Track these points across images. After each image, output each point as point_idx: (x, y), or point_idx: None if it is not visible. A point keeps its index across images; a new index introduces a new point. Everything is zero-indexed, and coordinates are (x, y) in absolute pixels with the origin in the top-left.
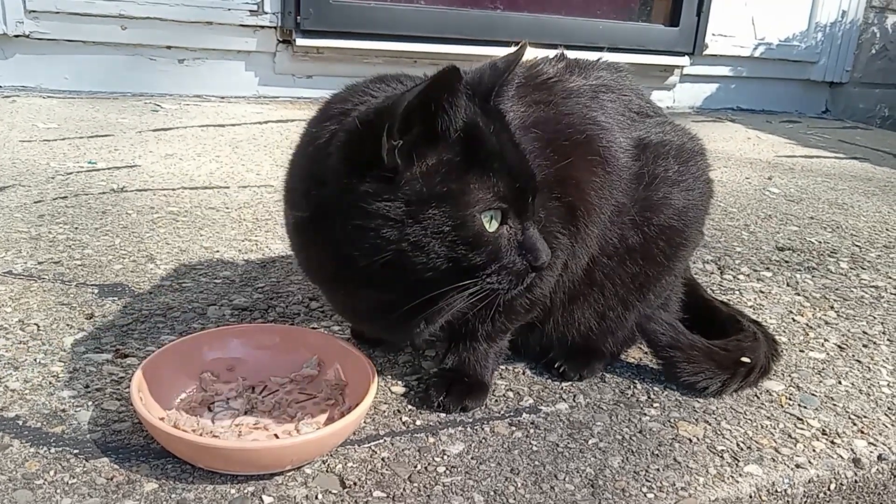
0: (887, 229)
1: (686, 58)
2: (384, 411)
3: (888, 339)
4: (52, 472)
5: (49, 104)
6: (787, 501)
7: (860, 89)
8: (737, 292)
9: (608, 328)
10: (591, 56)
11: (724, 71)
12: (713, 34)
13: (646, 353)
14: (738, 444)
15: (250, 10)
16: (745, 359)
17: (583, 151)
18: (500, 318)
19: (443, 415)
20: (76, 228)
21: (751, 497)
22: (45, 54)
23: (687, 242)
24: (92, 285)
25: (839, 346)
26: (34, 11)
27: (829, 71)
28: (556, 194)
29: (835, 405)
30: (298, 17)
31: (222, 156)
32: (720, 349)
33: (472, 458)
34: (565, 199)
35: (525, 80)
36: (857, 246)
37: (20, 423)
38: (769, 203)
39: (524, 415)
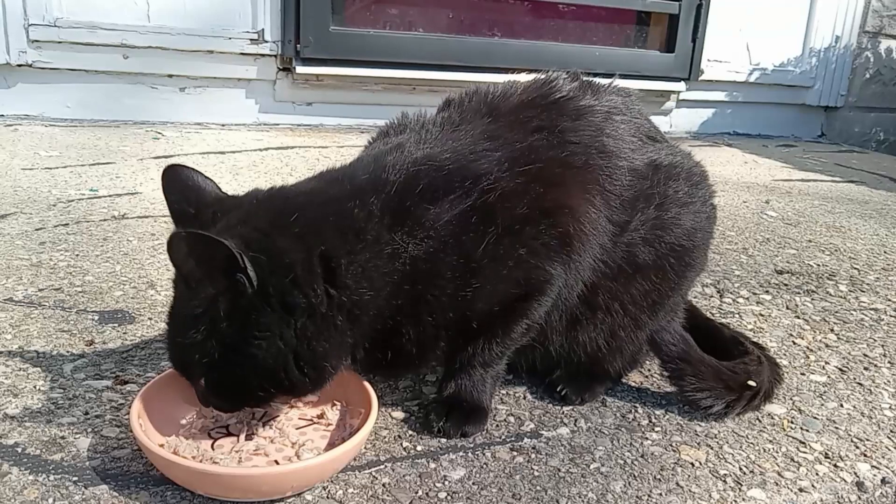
0: (885, 252)
1: (682, 83)
2: (385, 437)
3: (889, 362)
4: (51, 500)
5: (51, 132)
6: None
7: (855, 113)
8: (736, 315)
9: (618, 347)
10: None
11: (720, 96)
12: (708, 60)
13: (647, 376)
14: (740, 469)
15: (251, 39)
16: (751, 382)
17: (580, 179)
18: (495, 345)
19: (444, 440)
20: (77, 255)
21: None
22: (48, 83)
23: (694, 264)
24: (92, 312)
25: (840, 369)
26: (37, 41)
27: (824, 95)
28: (543, 226)
29: (837, 428)
30: (298, 46)
31: (223, 182)
32: (728, 370)
33: (473, 484)
34: (557, 230)
35: (536, 97)
36: (855, 268)
37: (19, 450)
38: (767, 226)
39: (525, 439)
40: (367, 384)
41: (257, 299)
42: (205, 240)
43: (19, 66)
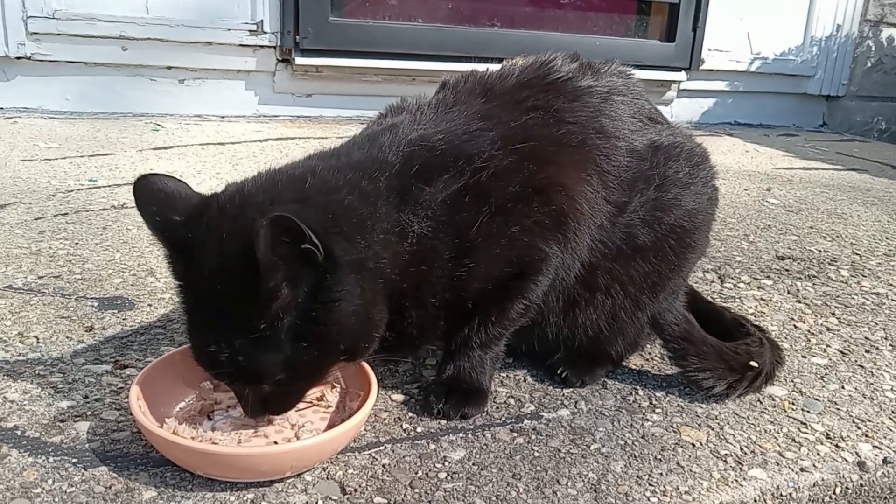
0: (887, 238)
1: (683, 73)
2: (385, 419)
3: (890, 345)
4: (50, 481)
5: (50, 125)
6: None
7: (857, 102)
8: (737, 300)
9: (619, 329)
10: None
11: (720, 86)
12: (709, 49)
13: (647, 359)
14: (741, 449)
15: (250, 31)
16: (753, 363)
17: (576, 157)
18: (493, 326)
19: (443, 422)
20: (76, 244)
21: (755, 501)
22: (47, 76)
23: (695, 245)
24: (92, 299)
25: (841, 352)
26: (36, 33)
27: (825, 84)
28: (536, 204)
29: (838, 409)
30: (297, 37)
31: (222, 173)
32: (730, 351)
33: (473, 464)
34: (550, 207)
35: (533, 78)
36: (857, 254)
37: (19, 432)
38: (768, 213)
39: (526, 421)
40: (366, 366)
41: (326, 262)
42: (283, 220)
43: (18, 58)
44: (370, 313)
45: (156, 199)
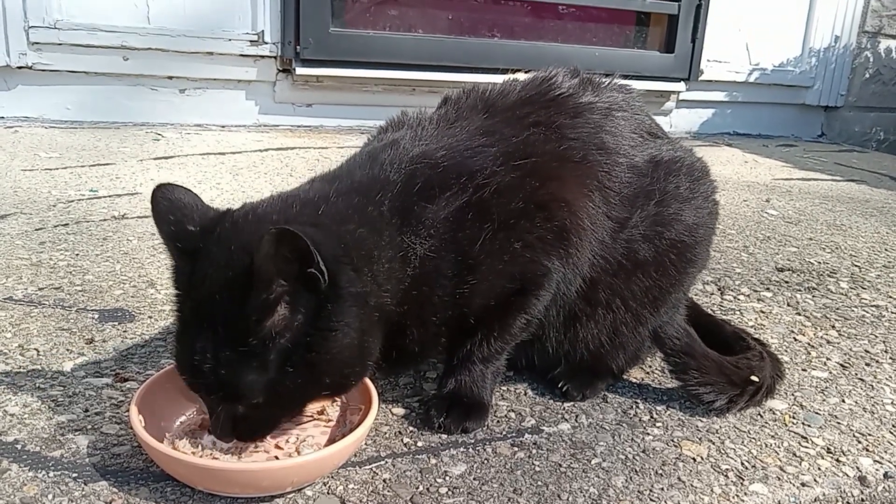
0: (886, 249)
1: (682, 83)
2: (385, 433)
3: (891, 358)
4: (50, 496)
5: (51, 134)
6: None
7: (855, 113)
8: (737, 312)
9: (620, 343)
10: None
11: (719, 96)
12: (708, 60)
13: (647, 372)
14: (742, 463)
15: (250, 41)
16: (753, 377)
17: (577, 174)
18: (494, 341)
19: (444, 436)
20: (77, 255)
21: None
22: (48, 85)
23: (696, 260)
24: (92, 310)
25: (842, 365)
26: (37, 43)
27: (823, 95)
28: (539, 220)
29: (839, 423)
30: (298, 47)
31: (223, 183)
32: (731, 365)
33: (474, 479)
34: (553, 223)
35: (534, 94)
36: (856, 266)
37: (19, 447)
38: (767, 225)
39: (526, 435)
40: (367, 381)
41: (330, 290)
42: (292, 236)
43: (19, 68)
44: (364, 347)
45: (174, 207)
